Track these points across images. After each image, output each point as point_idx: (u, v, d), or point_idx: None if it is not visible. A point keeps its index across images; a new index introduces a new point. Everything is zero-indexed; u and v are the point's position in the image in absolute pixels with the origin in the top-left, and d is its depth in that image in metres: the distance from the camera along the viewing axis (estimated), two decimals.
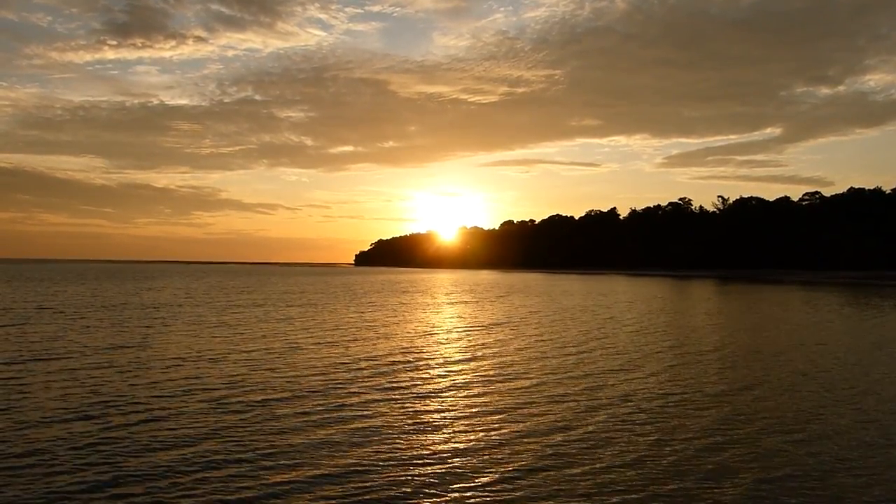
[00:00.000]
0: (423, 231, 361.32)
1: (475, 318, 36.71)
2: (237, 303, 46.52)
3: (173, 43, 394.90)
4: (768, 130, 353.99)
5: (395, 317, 37.02)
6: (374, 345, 24.25)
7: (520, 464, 10.24)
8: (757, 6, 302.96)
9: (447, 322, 34.26)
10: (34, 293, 52.92)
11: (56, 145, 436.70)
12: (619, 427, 12.46)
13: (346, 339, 26.04)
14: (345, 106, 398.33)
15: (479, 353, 22.35)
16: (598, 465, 10.20)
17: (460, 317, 37.47)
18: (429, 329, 30.61)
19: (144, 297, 50.15)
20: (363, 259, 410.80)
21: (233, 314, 36.62)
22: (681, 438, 11.68)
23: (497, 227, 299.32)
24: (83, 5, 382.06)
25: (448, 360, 20.94)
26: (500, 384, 16.76)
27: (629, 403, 14.48)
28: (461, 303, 50.50)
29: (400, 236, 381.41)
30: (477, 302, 51.22)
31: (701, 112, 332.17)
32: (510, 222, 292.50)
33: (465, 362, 20.45)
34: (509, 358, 21.32)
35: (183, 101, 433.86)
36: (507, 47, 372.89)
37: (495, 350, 23.31)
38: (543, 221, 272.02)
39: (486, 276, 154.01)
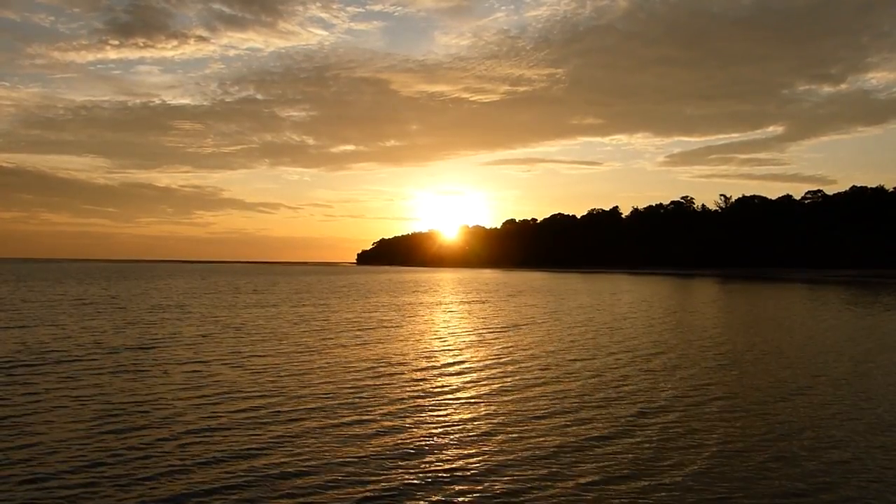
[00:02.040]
0: (424, 230, 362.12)
1: (493, 318, 36.38)
2: (247, 303, 46.65)
3: (175, 42, 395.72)
4: (770, 129, 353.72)
5: (411, 317, 36.92)
6: (397, 347, 23.94)
7: (570, 475, 9.98)
8: (759, 4, 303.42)
9: (466, 323, 33.79)
10: (41, 294, 53.03)
11: (58, 145, 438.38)
12: (661, 434, 12.41)
13: (366, 341, 25.67)
14: (346, 105, 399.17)
15: (510, 356, 21.70)
16: (641, 475, 10.23)
17: (478, 318, 36.96)
18: (450, 330, 30.22)
19: (153, 297, 50.30)
20: (365, 258, 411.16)
21: (245, 315, 36.69)
22: (728, 445, 11.73)
23: (499, 226, 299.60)
24: (85, 5, 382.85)
25: (480, 363, 20.34)
26: (539, 388, 16.29)
27: (668, 408, 14.38)
28: (473, 303, 50.36)
29: (402, 235, 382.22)
30: (489, 302, 51.13)
31: (703, 110, 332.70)
32: (512, 221, 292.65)
33: (498, 365, 19.70)
34: (543, 360, 20.84)
35: (185, 101, 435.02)
36: (509, 46, 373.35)
37: (526, 352, 22.68)
38: (545, 220, 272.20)
39: (490, 275, 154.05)
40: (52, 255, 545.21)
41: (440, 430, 12.42)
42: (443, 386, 16.70)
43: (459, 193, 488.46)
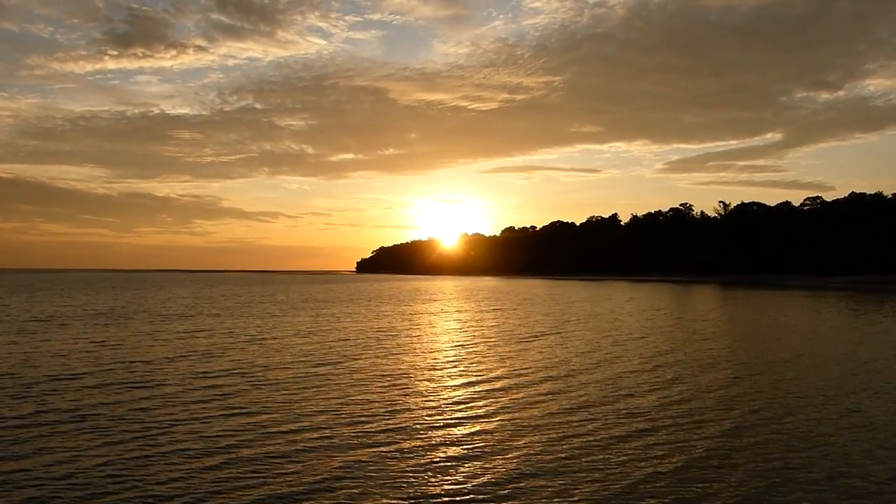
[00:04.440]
0: (424, 238, 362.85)
1: (511, 327, 35.91)
2: (257, 313, 46.69)
3: (174, 52, 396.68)
4: (769, 136, 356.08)
5: (428, 327, 36.74)
6: (423, 358, 23.42)
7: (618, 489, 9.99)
8: (756, 12, 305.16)
9: (487, 332, 33.14)
10: (46, 305, 53.08)
11: (57, 155, 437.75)
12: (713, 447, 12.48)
13: (387, 352, 25.18)
14: (345, 114, 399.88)
15: (542, 368, 21.15)
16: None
17: (495, 327, 36.37)
18: (474, 340, 29.58)
19: (160, 308, 50.38)
20: (365, 266, 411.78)
21: (258, 326, 36.76)
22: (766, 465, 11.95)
23: (498, 234, 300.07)
24: (84, 16, 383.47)
25: (517, 374, 19.78)
26: (579, 397, 16.15)
27: (719, 421, 14.44)
28: (485, 311, 50.16)
29: (401, 243, 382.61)
30: (500, 310, 50.84)
31: (701, 118, 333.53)
32: (511, 229, 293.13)
33: (534, 377, 19.35)
34: (578, 371, 20.58)
35: (184, 111, 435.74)
36: (507, 54, 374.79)
37: (557, 363, 22.26)
38: (545, 228, 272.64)
39: (490, 283, 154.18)
40: (51, 265, 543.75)
41: (487, 445, 12.13)
42: (484, 400, 16.11)
43: (458, 201, 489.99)
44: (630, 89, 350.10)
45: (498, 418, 14.21)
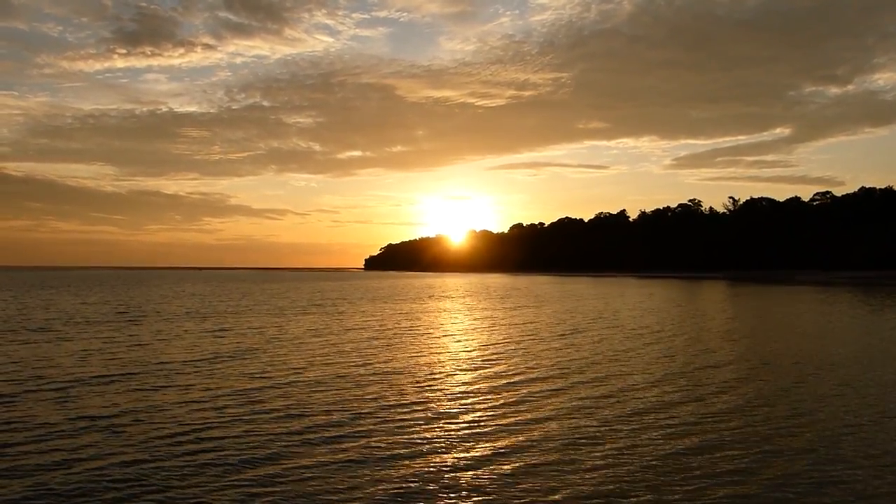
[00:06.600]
0: (432, 235, 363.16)
1: (535, 325, 35.42)
2: (275, 311, 46.76)
3: (182, 51, 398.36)
4: (777, 131, 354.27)
5: (449, 325, 36.69)
6: (457, 359, 22.92)
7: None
8: (763, 6, 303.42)
9: (513, 331, 32.50)
10: (61, 302, 53.40)
11: (66, 153, 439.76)
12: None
13: (419, 351, 24.94)
14: (352, 111, 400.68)
15: (587, 367, 20.60)
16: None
17: (519, 325, 35.84)
18: (502, 339, 28.95)
19: (174, 307, 50.61)
20: (373, 263, 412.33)
21: (281, 324, 36.91)
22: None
23: (506, 231, 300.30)
24: (93, 14, 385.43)
25: (560, 376, 19.12)
26: (642, 405, 15.14)
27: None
28: (503, 309, 49.84)
29: (409, 240, 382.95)
30: (518, 308, 50.43)
31: (709, 113, 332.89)
32: (519, 225, 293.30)
33: (579, 378, 18.77)
34: (626, 371, 19.94)
35: (192, 108, 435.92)
36: (514, 51, 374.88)
37: (602, 363, 21.68)
38: (553, 224, 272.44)
39: (499, 280, 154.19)
40: (61, 262, 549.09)
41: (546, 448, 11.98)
42: (530, 403, 15.48)
43: (466, 198, 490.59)
44: (637, 85, 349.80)
45: (544, 423, 13.58)
